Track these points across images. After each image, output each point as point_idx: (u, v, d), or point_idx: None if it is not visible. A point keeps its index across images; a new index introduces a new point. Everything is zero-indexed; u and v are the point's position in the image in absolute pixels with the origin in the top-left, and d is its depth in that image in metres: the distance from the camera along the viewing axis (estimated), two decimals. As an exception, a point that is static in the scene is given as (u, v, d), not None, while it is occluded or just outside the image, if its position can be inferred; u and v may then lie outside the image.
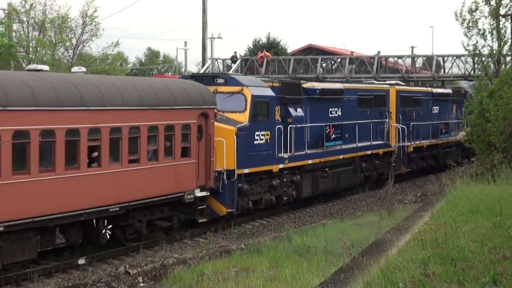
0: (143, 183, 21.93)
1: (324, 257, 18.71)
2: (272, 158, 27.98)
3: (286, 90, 29.36)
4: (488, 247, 13.52)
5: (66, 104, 19.27)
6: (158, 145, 22.64)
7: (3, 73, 20.34)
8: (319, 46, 72.84)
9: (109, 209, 20.84)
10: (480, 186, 23.89)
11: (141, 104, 21.90)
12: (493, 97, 30.35)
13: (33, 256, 19.15)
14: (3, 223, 17.68)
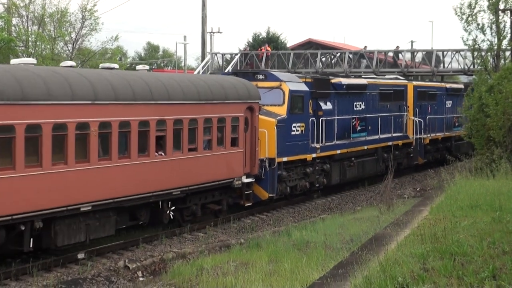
0: (199, 169, 24.59)
1: (323, 252, 18.73)
2: (306, 148, 30.56)
3: (317, 85, 31.73)
4: (488, 242, 13.53)
5: (139, 98, 21.92)
6: (212, 136, 25.27)
7: (91, 71, 23.02)
8: (318, 41, 72.78)
9: (172, 192, 23.49)
10: (479, 181, 23.91)
11: (199, 98, 24.57)
12: (493, 92, 30.33)
13: (112, 233, 21.75)
14: (91, 203, 20.21)
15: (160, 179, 22.76)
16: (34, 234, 19.04)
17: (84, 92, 20.00)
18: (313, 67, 52.48)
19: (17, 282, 18.39)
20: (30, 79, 18.67)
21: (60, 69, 21.48)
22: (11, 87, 17.92)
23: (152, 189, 22.47)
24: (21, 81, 18.34)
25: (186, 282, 17.65)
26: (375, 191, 34.33)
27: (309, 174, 31.13)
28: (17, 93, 18.00)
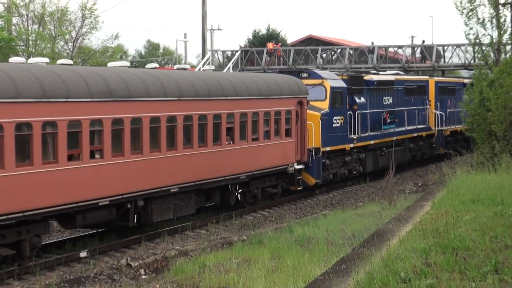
0: (260, 157, 28.01)
1: (325, 248, 18.72)
2: (345, 139, 33.77)
3: (352, 82, 34.88)
4: (490, 236, 13.53)
5: (214, 95, 25.46)
6: (270, 127, 28.69)
7: (175, 72, 25.76)
8: (319, 37, 72.82)
9: (239, 177, 26.86)
10: (481, 175, 23.91)
11: (259, 94, 28.10)
12: (493, 86, 30.30)
13: (193, 212, 25.06)
14: (178, 185, 23.56)
15: (230, 165, 26.21)
16: (136, 212, 22.36)
17: (173, 90, 23.47)
18: (314, 63, 52.47)
19: (20, 281, 18.39)
20: (134, 80, 22.24)
21: (153, 71, 24.68)
22: (121, 88, 21.47)
23: (224, 173, 25.90)
24: (127, 82, 21.90)
25: (188, 279, 17.64)
26: (377, 187, 34.34)
27: (348, 162, 34.44)
28: (125, 92, 21.57)
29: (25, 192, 18.30)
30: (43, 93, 18.86)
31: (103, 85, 20.91)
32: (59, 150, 19.26)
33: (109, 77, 21.41)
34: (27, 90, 18.43)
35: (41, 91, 18.82)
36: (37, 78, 18.95)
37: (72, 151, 19.85)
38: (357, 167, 35.44)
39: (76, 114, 19.87)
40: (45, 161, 18.91)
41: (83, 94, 20.09)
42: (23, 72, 18.89)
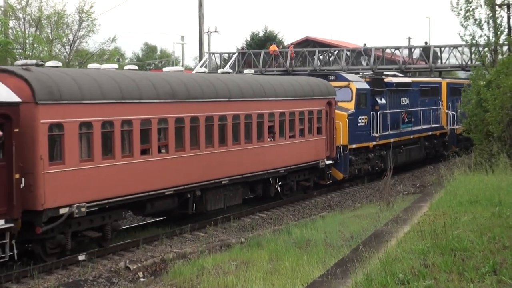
0: (296, 152, 30.68)
1: (324, 249, 18.73)
2: (368, 137, 36.40)
3: (374, 84, 37.40)
4: (488, 237, 13.53)
5: (257, 95, 28.50)
6: (304, 125, 31.42)
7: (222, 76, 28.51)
8: (316, 39, 72.79)
9: (279, 171, 29.66)
10: (478, 176, 23.90)
11: (295, 95, 30.91)
12: (491, 87, 30.31)
13: (239, 202, 27.82)
14: (228, 178, 26.33)
15: (271, 160, 29.02)
16: (194, 201, 24.94)
17: (224, 92, 26.42)
18: (311, 65, 52.50)
19: (18, 285, 18.39)
20: (192, 83, 25.14)
21: (207, 75, 28.31)
22: (182, 90, 24.40)
23: (266, 167, 28.70)
24: (187, 85, 24.82)
25: (187, 282, 17.65)
26: (375, 188, 34.35)
27: (371, 159, 37.00)
28: (185, 94, 24.47)
29: (109, 182, 21.04)
30: (121, 95, 21.74)
31: (168, 88, 23.86)
32: (134, 145, 22.13)
33: (172, 80, 24.47)
34: (110, 93, 21.36)
35: (120, 94, 21.71)
36: (116, 83, 21.90)
37: (144, 146, 22.55)
38: (378, 164, 37.76)
39: (147, 113, 22.77)
40: (124, 155, 21.74)
41: (152, 96, 23.01)
42: (106, 77, 21.83)
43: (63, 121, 19.77)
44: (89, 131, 20.54)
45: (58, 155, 19.69)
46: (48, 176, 19.17)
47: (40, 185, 18.95)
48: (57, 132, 19.65)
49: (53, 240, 19.90)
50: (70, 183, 19.81)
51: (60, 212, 19.53)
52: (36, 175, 18.90)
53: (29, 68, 19.99)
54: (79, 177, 20.11)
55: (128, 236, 23.52)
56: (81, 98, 20.33)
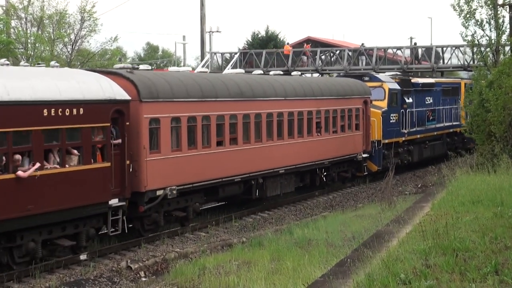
0: (338, 146, 33.89)
1: (325, 249, 18.75)
2: (398, 133, 39.59)
3: (403, 84, 40.67)
4: (489, 237, 13.52)
5: (308, 95, 31.90)
6: (344, 122, 34.63)
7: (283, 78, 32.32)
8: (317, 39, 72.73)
9: (324, 162, 32.94)
10: (480, 176, 23.89)
11: (337, 94, 34.19)
12: (492, 87, 30.28)
13: (292, 190, 31.30)
14: (284, 167, 29.64)
15: (318, 153, 32.19)
16: (257, 188, 28.34)
17: (280, 92, 29.91)
18: (313, 65, 52.46)
19: (20, 284, 18.38)
20: (255, 84, 28.63)
21: (266, 76, 31.43)
22: (248, 90, 27.74)
23: (314, 159, 31.91)
24: (252, 85, 28.30)
25: (188, 281, 17.66)
26: (376, 188, 34.35)
27: (400, 153, 40.05)
28: (250, 94, 27.92)
29: (192, 169, 24.40)
30: (202, 95, 25.19)
31: (237, 88, 27.27)
32: (211, 137, 25.54)
33: (240, 82, 27.91)
34: (193, 92, 24.89)
35: (201, 93, 25.20)
36: (198, 84, 25.43)
37: (219, 139, 25.88)
38: (407, 157, 41.01)
39: (221, 110, 26.14)
40: (204, 146, 25.11)
41: (225, 95, 26.44)
42: (189, 79, 25.62)
43: (159, 116, 23.25)
44: (178, 125, 24.07)
45: (155, 145, 23.14)
46: (149, 163, 22.65)
47: (143, 170, 22.41)
48: (154, 126, 23.09)
49: (150, 218, 23.42)
50: (164, 169, 23.23)
51: (157, 194, 23.01)
52: (140, 162, 22.32)
53: (132, 71, 23.60)
54: (170, 164, 23.57)
55: (129, 236, 23.52)
56: (172, 96, 23.87)
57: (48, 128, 18.89)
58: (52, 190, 18.86)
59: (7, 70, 19.83)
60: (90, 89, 20.44)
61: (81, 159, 19.89)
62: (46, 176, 18.69)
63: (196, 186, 24.88)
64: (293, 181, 31.05)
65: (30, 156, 18.45)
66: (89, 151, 20.04)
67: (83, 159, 19.91)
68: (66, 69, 26.99)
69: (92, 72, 22.43)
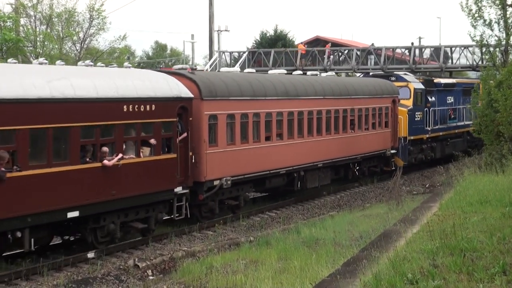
0: (369, 142, 36.11)
1: (333, 249, 18.72)
2: (422, 130, 41.74)
3: (427, 84, 42.81)
4: (497, 238, 13.47)
5: (343, 94, 34.32)
6: (375, 119, 36.95)
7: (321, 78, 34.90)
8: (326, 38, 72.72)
9: (357, 157, 35.34)
10: (488, 177, 23.83)
11: (369, 94, 36.50)
12: (501, 87, 30.21)
13: (328, 182, 33.50)
14: (322, 161, 32.10)
15: (352, 148, 34.52)
16: (299, 179, 30.73)
17: (320, 91, 32.40)
18: (321, 64, 52.45)
19: (28, 282, 18.42)
20: (298, 84, 31.17)
21: (306, 77, 33.81)
22: (292, 90, 30.30)
23: (348, 154, 34.31)
24: (296, 85, 30.82)
25: (196, 280, 17.66)
26: (384, 188, 34.31)
27: (424, 149, 42.27)
28: (295, 92, 30.43)
29: (243, 162, 26.89)
30: (253, 93, 27.69)
31: (283, 87, 29.72)
32: (260, 133, 28.05)
33: (285, 81, 30.43)
34: (246, 91, 27.36)
35: (252, 92, 27.67)
36: (249, 83, 27.90)
37: (267, 134, 28.38)
38: (430, 154, 43.14)
39: (269, 108, 28.58)
40: (254, 140, 27.60)
41: (273, 94, 28.87)
42: (242, 79, 28.12)
43: (217, 113, 25.65)
44: (232, 121, 26.47)
45: (213, 139, 25.51)
46: (208, 155, 25.09)
47: (203, 162, 24.81)
48: (213, 122, 25.47)
49: (207, 206, 25.83)
50: (220, 161, 25.66)
51: (214, 184, 25.41)
52: (201, 154, 24.72)
53: (194, 72, 26.13)
54: (226, 157, 25.96)
55: (137, 234, 23.55)
56: (228, 95, 26.28)
57: (127, 122, 21.42)
58: (130, 177, 21.32)
59: (93, 71, 22.33)
60: (160, 88, 22.94)
61: (152, 150, 22.32)
62: (126, 165, 21.09)
63: (247, 177, 27.31)
64: (329, 174, 33.37)
65: (113, 147, 20.83)
66: (159, 143, 22.50)
67: (154, 150, 22.34)
68: (139, 69, 30.10)
69: (160, 72, 25.00)
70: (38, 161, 18.61)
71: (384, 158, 38.01)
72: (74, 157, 19.47)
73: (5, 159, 17.65)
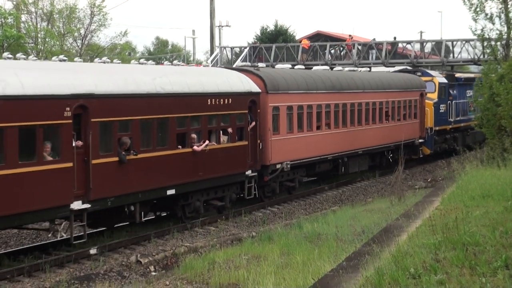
0: (401, 132, 38.43)
1: (335, 244, 18.69)
2: (446, 121, 44.97)
3: (449, 79, 46.00)
4: (500, 232, 13.47)
5: (380, 88, 37.62)
6: (406, 111, 40.40)
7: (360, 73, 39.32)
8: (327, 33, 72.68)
9: (390, 146, 38.70)
10: (490, 170, 23.82)
11: (401, 88, 40.15)
12: (503, 81, 30.18)
13: (366, 168, 36.86)
14: (361, 149, 35.17)
15: (387, 137, 37.95)
16: (343, 165, 34.10)
17: (360, 85, 35.80)
18: (322, 59, 52.41)
19: (30, 278, 18.43)
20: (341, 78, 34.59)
21: (348, 72, 36.79)
22: (337, 84, 33.65)
23: (383, 142, 37.81)
24: (340, 79, 34.33)
25: (198, 276, 17.64)
26: (386, 183, 34.31)
27: (447, 139, 45.60)
28: (338, 87, 33.76)
29: (299, 148, 30.40)
30: (307, 87, 31.26)
31: (330, 82, 33.21)
32: (312, 123, 31.56)
33: (331, 77, 33.92)
34: (301, 85, 30.95)
35: (306, 86, 31.26)
36: (304, 78, 31.50)
37: (317, 124, 31.91)
38: (453, 143, 46.17)
39: (320, 100, 32.04)
40: (308, 129, 31.13)
41: (322, 88, 32.32)
42: (298, 75, 31.74)
43: (279, 105, 29.16)
44: (291, 112, 29.99)
45: (276, 128, 28.96)
46: (272, 142, 28.60)
47: (268, 148, 28.35)
48: (276, 113, 28.97)
49: (269, 187, 29.30)
50: (282, 147, 29.12)
51: (277, 167, 29.00)
52: (266, 141, 28.31)
53: (259, 69, 29.92)
54: (286, 144, 29.45)
55: (139, 230, 23.56)
56: (288, 89, 29.86)
57: (210, 113, 25.04)
58: (213, 161, 24.88)
59: (182, 69, 26.22)
60: (235, 84, 26.74)
61: (229, 138, 25.99)
62: (211, 150, 24.72)
63: (302, 162, 30.79)
64: (367, 161, 36.47)
65: (199, 135, 24.45)
66: (234, 131, 26.22)
67: (231, 138, 26.02)
68: (216, 67, 34.33)
69: (232, 70, 29.35)
70: (147, 147, 22.13)
71: (413, 146, 40.90)
72: (171, 143, 23.15)
73: (127, 144, 21.19)
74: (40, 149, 18.57)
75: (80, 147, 19.64)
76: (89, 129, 19.88)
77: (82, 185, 19.69)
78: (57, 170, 18.93)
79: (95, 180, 19.96)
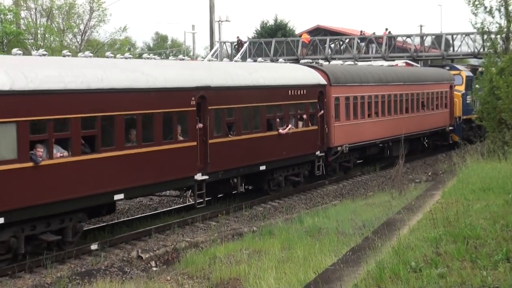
0: (434, 120, 43.81)
1: (336, 238, 18.68)
2: (471, 111, 46.16)
3: (473, 72, 47.46)
4: (500, 225, 13.46)
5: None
6: (437, 101, 44.42)
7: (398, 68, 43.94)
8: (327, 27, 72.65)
9: (426, 132, 42.97)
10: (491, 164, 23.81)
11: (434, 80, 44.30)
12: (503, 74, 30.14)
13: (406, 152, 34.16)
14: (403, 135, 33.47)
15: (422, 124, 42.06)
16: (388, 149, 38.82)
17: (401, 78, 40.15)
18: (322, 53, 52.37)
19: (31, 274, 18.43)
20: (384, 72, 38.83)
21: (389, 68, 41.45)
22: (381, 78, 38.10)
23: (419, 129, 41.90)
24: (386, 73, 38.77)
25: (199, 270, 17.64)
26: (387, 176, 34.29)
27: (473, 128, 47.88)
28: (383, 79, 38.12)
29: (355, 133, 34.64)
30: (360, 80, 35.59)
31: (377, 75, 37.46)
32: (365, 111, 35.88)
33: (377, 71, 38.45)
34: (355, 78, 35.29)
35: (359, 79, 35.55)
36: (357, 73, 35.94)
37: (368, 112, 36.15)
38: (477, 131, 48.16)
39: (370, 92, 36.29)
40: (361, 117, 35.47)
41: (371, 80, 36.67)
42: (353, 70, 36.16)
43: (339, 96, 33.55)
44: (348, 102, 34.28)
45: (337, 115, 33.35)
46: (335, 127, 33.05)
47: (332, 132, 32.83)
48: (337, 102, 33.30)
49: (331, 166, 33.65)
50: (342, 132, 33.44)
51: (338, 149, 33.36)
52: (330, 126, 32.70)
53: (322, 65, 34.69)
54: (345, 129, 33.77)
55: (140, 225, 23.56)
56: (345, 82, 34.21)
57: (291, 102, 29.72)
58: (293, 142, 29.44)
59: (264, 65, 30.93)
60: (308, 77, 31.53)
61: (303, 123, 30.60)
62: (292, 133, 29.35)
63: (356, 146, 35.07)
64: (407, 146, 37.49)
65: (282, 121, 29.10)
66: (308, 118, 30.84)
67: (305, 123, 30.70)
68: (291, 64, 38.00)
69: (303, 66, 33.51)
70: (245, 130, 26.75)
71: (443, 134, 45.44)
72: (263, 127, 27.88)
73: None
74: (176, 131, 23.17)
75: (200, 129, 24.25)
76: (207, 114, 24.62)
77: (203, 160, 24.39)
78: (187, 148, 23.62)
79: (212, 156, 24.72)
